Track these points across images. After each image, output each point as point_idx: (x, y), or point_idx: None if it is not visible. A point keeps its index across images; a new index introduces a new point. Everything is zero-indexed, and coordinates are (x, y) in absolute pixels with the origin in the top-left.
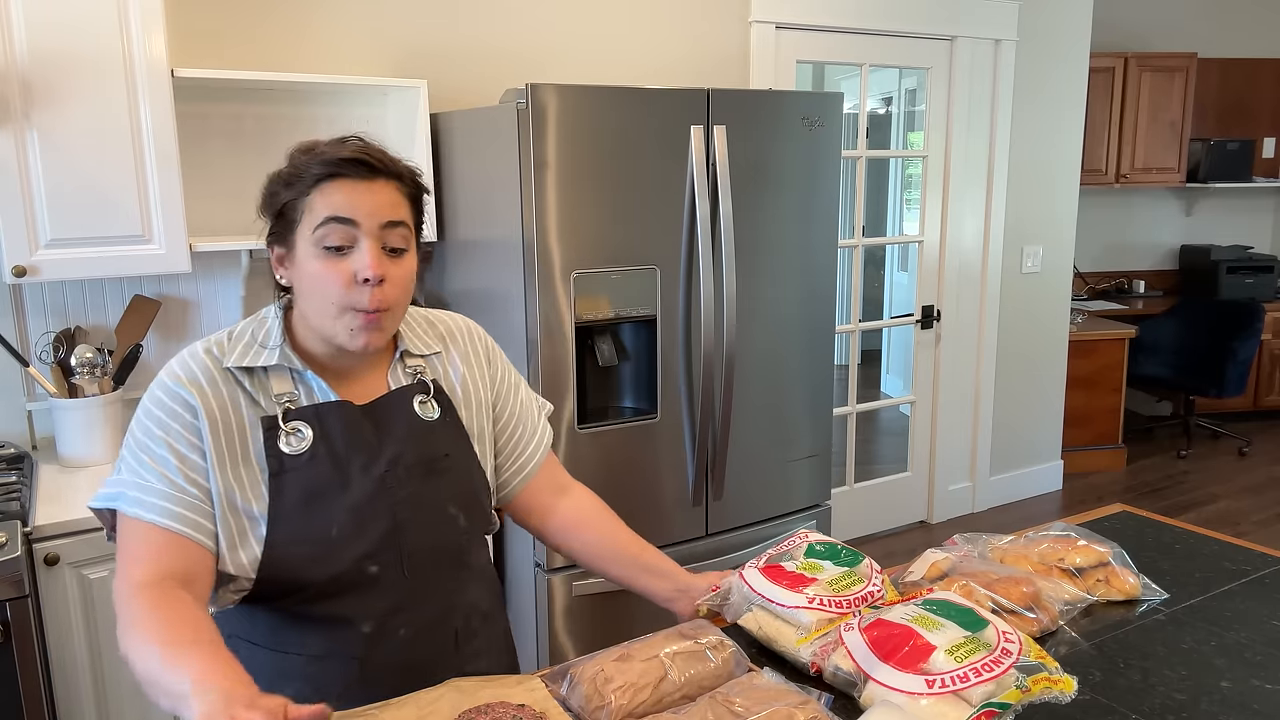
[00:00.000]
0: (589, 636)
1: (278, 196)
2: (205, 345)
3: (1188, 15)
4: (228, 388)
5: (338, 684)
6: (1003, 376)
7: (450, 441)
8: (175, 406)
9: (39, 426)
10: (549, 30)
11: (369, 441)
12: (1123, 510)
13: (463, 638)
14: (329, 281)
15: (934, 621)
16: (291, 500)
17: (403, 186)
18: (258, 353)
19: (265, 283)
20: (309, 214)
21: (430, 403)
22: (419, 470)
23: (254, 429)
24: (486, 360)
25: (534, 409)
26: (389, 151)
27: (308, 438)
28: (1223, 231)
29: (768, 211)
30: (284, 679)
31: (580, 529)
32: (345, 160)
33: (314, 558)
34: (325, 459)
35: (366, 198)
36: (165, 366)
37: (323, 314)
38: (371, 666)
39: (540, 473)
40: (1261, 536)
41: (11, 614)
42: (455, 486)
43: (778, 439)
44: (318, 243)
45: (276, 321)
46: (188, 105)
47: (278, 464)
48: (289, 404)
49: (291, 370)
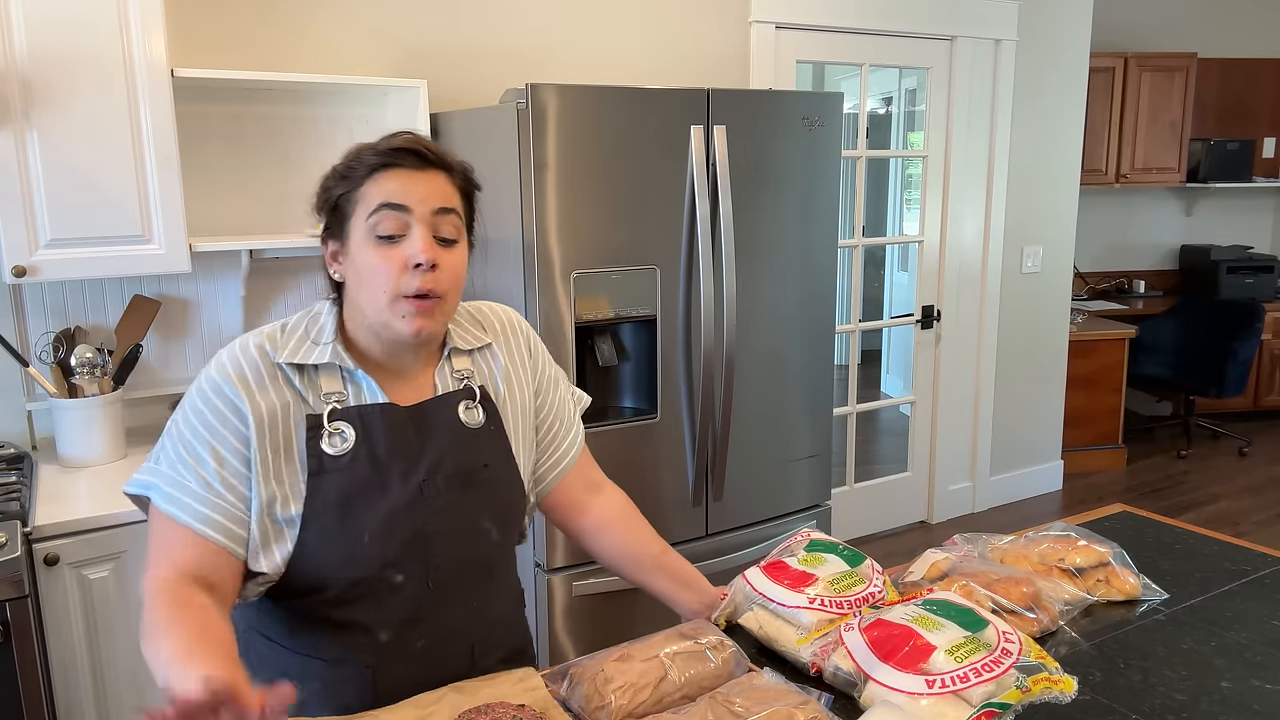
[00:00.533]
0: (589, 636)
1: (331, 191)
2: (258, 340)
3: (1188, 15)
4: (275, 386)
5: (352, 689)
6: (1003, 376)
7: (492, 451)
8: (224, 409)
9: (39, 426)
10: (549, 30)
11: (410, 448)
12: (1123, 510)
13: (480, 652)
14: (381, 269)
15: (934, 622)
16: (327, 501)
17: (453, 179)
18: (310, 349)
19: (265, 283)
20: (362, 204)
21: (476, 409)
22: (457, 481)
23: (299, 427)
24: (528, 351)
25: (571, 404)
26: (440, 146)
27: (350, 439)
28: (1223, 231)
29: (768, 211)
30: (301, 679)
31: (607, 531)
32: (398, 150)
33: (342, 559)
34: (365, 462)
35: (419, 185)
36: (216, 359)
37: (376, 303)
38: (385, 675)
39: (574, 469)
40: (1261, 536)
41: (11, 614)
42: (492, 499)
43: (778, 439)
44: (370, 231)
45: (330, 317)
46: (188, 105)
47: (318, 464)
48: (336, 403)
49: (342, 369)
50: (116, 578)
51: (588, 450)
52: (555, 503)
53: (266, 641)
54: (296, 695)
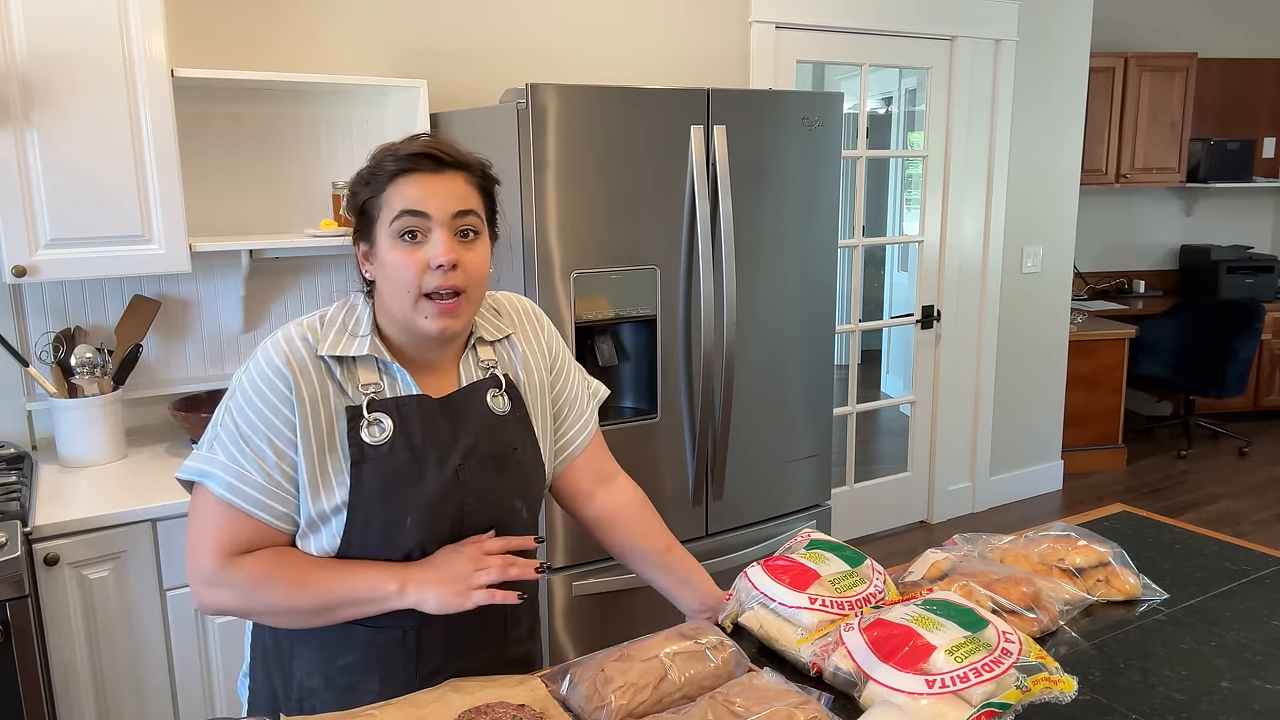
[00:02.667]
0: (589, 636)
1: (358, 195)
2: (300, 331)
3: (1188, 15)
4: (319, 376)
5: (393, 654)
6: (1003, 376)
7: (519, 435)
8: (276, 401)
9: (39, 426)
10: (549, 30)
11: (444, 436)
12: (1123, 510)
13: (511, 621)
14: (405, 270)
15: (934, 621)
16: (371, 489)
17: (471, 176)
18: (349, 341)
19: (265, 283)
20: (386, 209)
21: (502, 396)
22: (490, 465)
23: (339, 418)
24: (543, 338)
25: (584, 393)
26: (458, 146)
27: (388, 429)
28: (1223, 231)
29: (768, 211)
30: (342, 645)
31: (613, 523)
32: (415, 155)
33: (383, 541)
34: (404, 450)
35: (437, 189)
36: (263, 349)
37: (402, 303)
38: (426, 638)
39: (583, 457)
40: (1261, 536)
41: (11, 614)
42: (522, 480)
43: (778, 439)
44: (395, 234)
45: (366, 310)
46: (188, 105)
47: (359, 453)
48: (374, 394)
49: (379, 361)
50: (116, 578)
51: (602, 441)
52: (561, 489)
53: None
54: (340, 661)
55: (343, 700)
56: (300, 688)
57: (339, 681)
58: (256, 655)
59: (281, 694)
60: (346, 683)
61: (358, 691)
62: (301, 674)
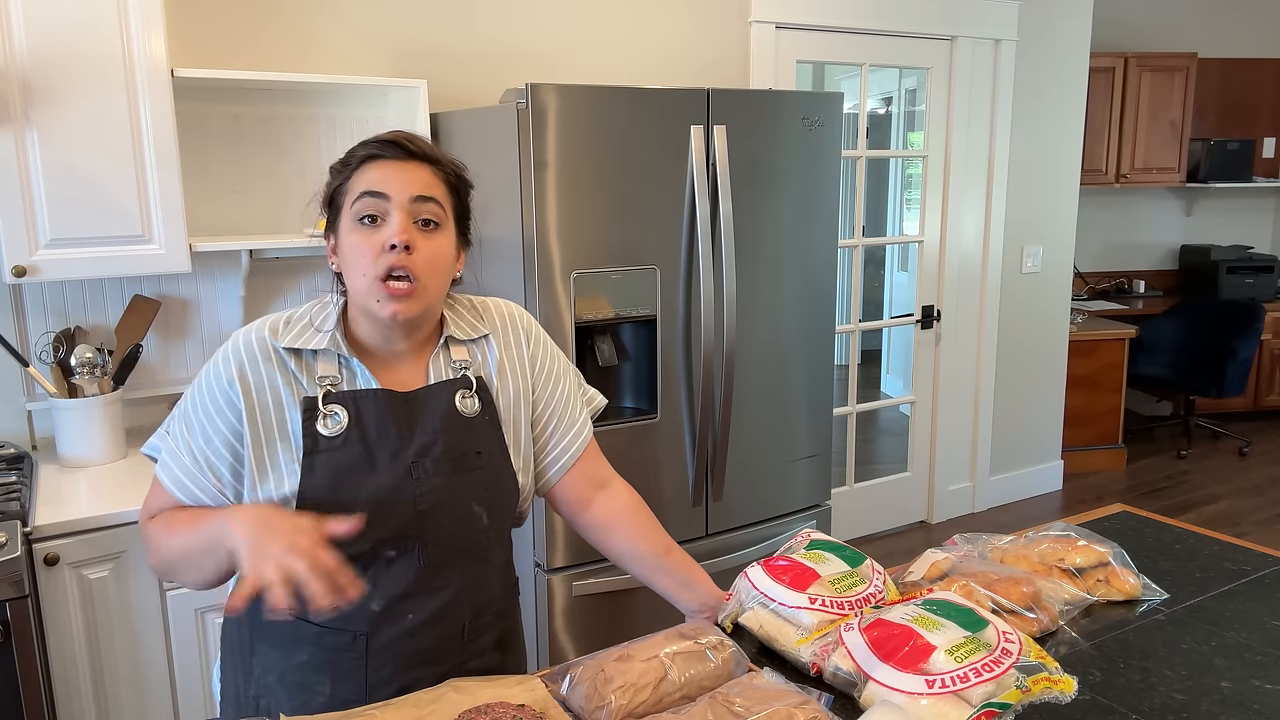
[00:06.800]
0: (589, 636)
1: (329, 185)
2: (272, 323)
3: (1188, 15)
4: (269, 370)
5: (345, 656)
6: (1003, 376)
7: (485, 439)
8: (221, 403)
9: (39, 426)
10: (549, 30)
11: (401, 431)
12: (1123, 510)
13: (470, 633)
14: (362, 251)
15: (934, 621)
16: (321, 479)
17: (439, 171)
18: (310, 335)
19: (265, 283)
20: (349, 194)
21: (472, 398)
22: (447, 465)
23: (291, 409)
24: (526, 345)
25: (576, 402)
26: (436, 146)
27: (343, 421)
28: (1223, 231)
29: (768, 211)
30: (296, 643)
31: (611, 528)
32: (384, 142)
33: None
34: (357, 443)
35: (400, 174)
36: (232, 339)
37: (358, 286)
38: (377, 645)
39: (577, 465)
40: (1261, 536)
41: (11, 614)
42: (482, 485)
43: (778, 439)
44: (355, 217)
45: (335, 308)
46: (188, 105)
47: (312, 443)
48: (330, 387)
49: (339, 355)
50: (116, 578)
51: (596, 448)
52: (558, 497)
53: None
54: (295, 659)
55: (295, 700)
56: (258, 684)
57: (292, 679)
58: (225, 650)
59: (242, 690)
60: (300, 681)
61: (310, 693)
62: (260, 670)
